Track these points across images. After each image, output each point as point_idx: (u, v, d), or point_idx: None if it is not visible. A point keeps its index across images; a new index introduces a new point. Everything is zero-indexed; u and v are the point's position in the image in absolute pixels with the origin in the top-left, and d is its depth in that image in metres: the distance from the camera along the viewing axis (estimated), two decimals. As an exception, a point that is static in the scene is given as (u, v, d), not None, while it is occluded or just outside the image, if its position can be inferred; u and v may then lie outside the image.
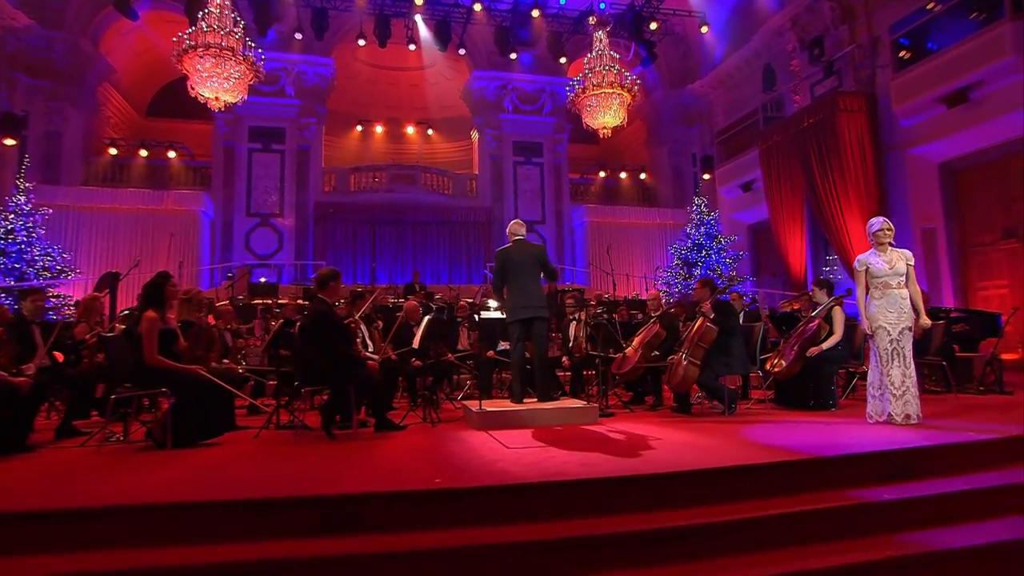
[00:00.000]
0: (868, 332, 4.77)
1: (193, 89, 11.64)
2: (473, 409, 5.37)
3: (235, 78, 11.79)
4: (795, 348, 5.79)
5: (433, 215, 18.61)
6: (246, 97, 12.21)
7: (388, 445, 4.53)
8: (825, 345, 5.69)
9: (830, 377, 5.68)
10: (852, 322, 6.11)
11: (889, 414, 4.65)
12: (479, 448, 4.25)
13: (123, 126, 18.79)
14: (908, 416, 4.65)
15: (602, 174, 20.45)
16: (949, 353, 7.02)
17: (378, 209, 18.34)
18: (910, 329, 4.71)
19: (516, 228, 5.96)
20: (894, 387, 4.64)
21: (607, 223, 18.85)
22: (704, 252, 16.47)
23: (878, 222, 4.82)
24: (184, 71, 11.45)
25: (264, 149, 17.72)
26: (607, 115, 13.48)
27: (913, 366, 4.72)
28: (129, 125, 19.12)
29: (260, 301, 11.74)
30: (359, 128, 21.53)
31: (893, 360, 4.67)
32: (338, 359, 4.80)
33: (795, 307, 7.57)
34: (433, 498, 3.08)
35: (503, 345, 7.51)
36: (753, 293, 15.34)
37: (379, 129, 21.71)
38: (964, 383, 7.26)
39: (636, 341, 6.59)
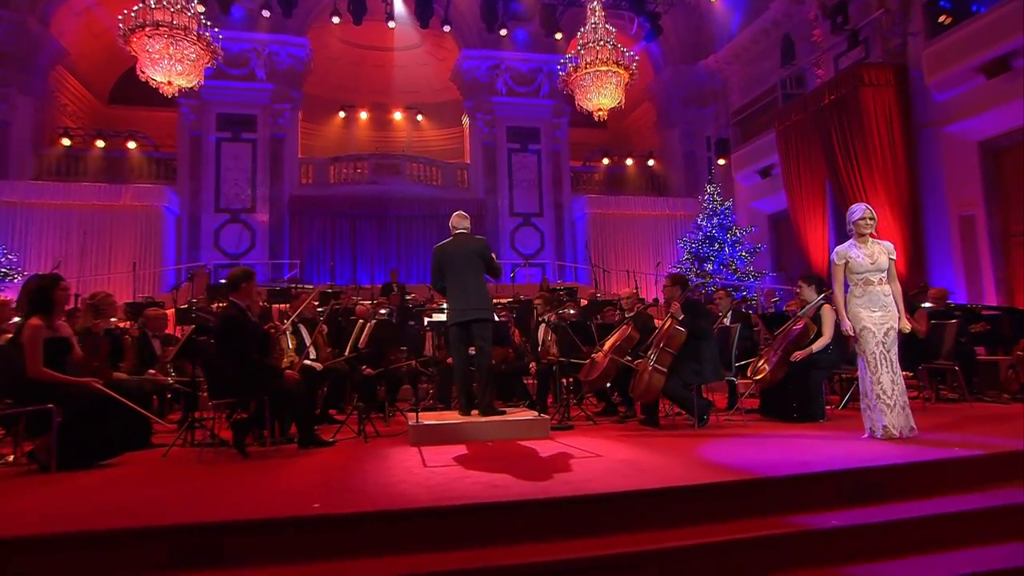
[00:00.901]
0: (851, 334, 4.59)
1: (143, 73, 11.66)
2: (410, 422, 5.27)
3: (190, 60, 11.79)
4: (778, 352, 5.62)
5: (419, 208, 18.56)
6: (203, 81, 12.22)
7: (299, 464, 4.44)
8: (812, 348, 5.51)
9: (817, 384, 5.51)
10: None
11: (884, 427, 4.47)
12: (395, 467, 4.14)
13: (83, 115, 18.92)
14: (901, 429, 4.48)
15: (606, 161, 20.33)
16: (965, 356, 6.77)
17: (359, 202, 18.37)
18: (895, 329, 4.53)
19: (458, 221, 5.88)
20: (886, 396, 4.46)
21: (611, 215, 18.75)
22: (717, 245, 16.31)
23: (860, 209, 4.64)
24: (132, 52, 11.47)
25: (234, 138, 17.77)
26: (602, 96, 13.32)
27: (900, 372, 4.54)
28: (90, 113, 19.25)
29: (219, 305, 11.70)
30: (342, 114, 21.50)
31: (882, 365, 4.49)
32: (249, 369, 4.71)
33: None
34: (303, 526, 2.96)
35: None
36: (752, 291, 15.14)
37: (364, 115, 21.69)
38: (987, 390, 7.01)
39: (607, 345, 6.44)
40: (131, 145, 17.51)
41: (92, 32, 17.96)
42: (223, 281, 14.80)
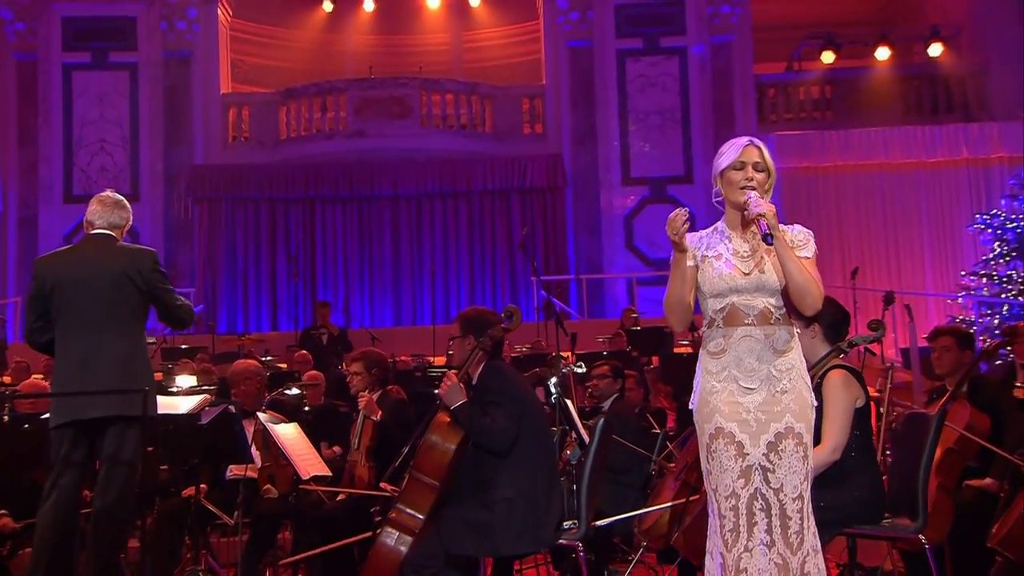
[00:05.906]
0: (704, 439, 4.08)
1: None
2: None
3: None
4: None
5: (438, 180, 18.79)
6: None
7: None
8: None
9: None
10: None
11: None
12: None
13: None
14: None
15: (829, 59, 19.20)
16: None
17: (327, 174, 18.61)
18: (799, 438, 3.91)
19: (96, 210, 5.69)
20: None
21: (835, 170, 18.42)
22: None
23: (734, 147, 4.09)
24: None
25: (96, 64, 18.37)
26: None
27: (815, 539, 3.91)
28: None
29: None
30: (328, 7, 21.88)
31: (747, 530, 3.89)
32: None
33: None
34: None
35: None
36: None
37: (369, 5, 21.92)
38: None
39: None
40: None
41: None
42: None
